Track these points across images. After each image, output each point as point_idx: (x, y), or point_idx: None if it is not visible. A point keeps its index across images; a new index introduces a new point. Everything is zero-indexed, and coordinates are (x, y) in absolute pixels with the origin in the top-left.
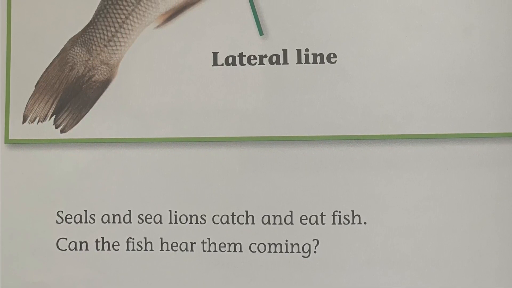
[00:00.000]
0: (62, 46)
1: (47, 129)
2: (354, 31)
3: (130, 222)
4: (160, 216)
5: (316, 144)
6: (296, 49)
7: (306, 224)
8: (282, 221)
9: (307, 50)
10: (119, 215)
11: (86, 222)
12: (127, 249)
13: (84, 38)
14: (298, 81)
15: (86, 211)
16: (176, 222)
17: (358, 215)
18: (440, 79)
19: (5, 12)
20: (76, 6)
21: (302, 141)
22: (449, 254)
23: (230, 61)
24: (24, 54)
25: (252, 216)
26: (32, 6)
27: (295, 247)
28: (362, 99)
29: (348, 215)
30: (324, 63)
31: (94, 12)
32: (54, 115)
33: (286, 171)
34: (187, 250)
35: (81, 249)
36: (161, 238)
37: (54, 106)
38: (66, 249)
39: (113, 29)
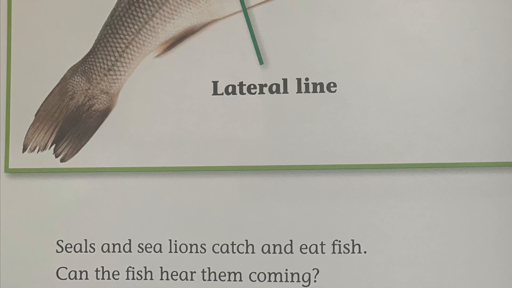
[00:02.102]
0: (62, 75)
1: (47, 158)
2: (354, 60)
3: (130, 251)
4: (160, 245)
5: (316, 173)
6: (296, 78)
7: (306, 253)
8: (282, 250)
9: (307, 79)
10: (119, 244)
11: (86, 251)
12: (127, 278)
13: (84, 67)
14: (298, 110)
15: (86, 240)
16: (176, 251)
17: (358, 244)
18: (440, 109)
19: (5, 41)
20: (76, 35)
21: (302, 170)
22: (449, 283)
23: (230, 90)
24: (24, 83)
25: (252, 245)
26: (32, 35)
27: (295, 276)
28: (362, 128)
29: (348, 244)
30: (324, 92)
31: (94, 41)
32: (54, 144)
33: (286, 200)
34: (187, 279)
35: (81, 278)
36: (161, 267)
37: (54, 135)
38: (66, 278)
39: (113, 58)
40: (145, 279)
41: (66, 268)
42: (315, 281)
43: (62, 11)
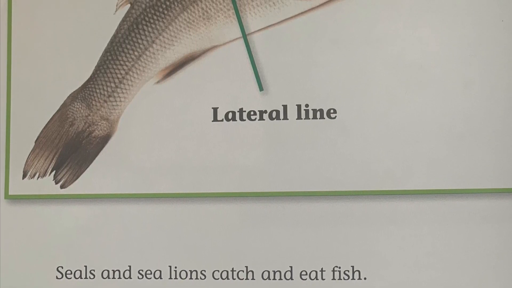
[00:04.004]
0: (62, 102)
1: (47, 184)
2: (354, 87)
3: (130, 277)
4: (160, 271)
5: (316, 200)
6: (296, 105)
7: (306, 279)
8: (282, 277)
9: (307, 105)
10: (119, 270)
11: (86, 278)
12: None
13: (84, 93)
14: (298, 136)
15: (86, 266)
16: (176, 278)
17: (358, 271)
18: (440, 135)
19: (5, 67)
20: (76, 61)
21: (302, 196)
22: None
23: (230, 117)
24: (24, 110)
25: (252, 271)
26: (32, 62)
27: None
28: (362, 154)
29: (348, 271)
30: (324, 118)
31: (94, 68)
32: (54, 171)
33: (286, 226)
34: None
35: None
36: None
37: (54, 161)
38: None
39: (113, 85)
40: None
41: None
42: None
43: (62, 38)
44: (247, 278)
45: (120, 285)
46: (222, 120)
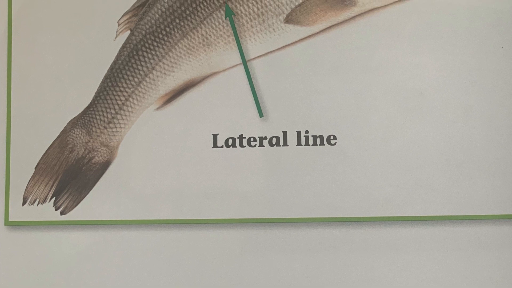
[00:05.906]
0: (62, 128)
1: (47, 211)
2: (354, 113)
3: None
4: None
5: (316, 226)
6: (296, 131)
7: None
8: None
9: (307, 132)
10: None
11: None
12: None
13: (84, 120)
14: (298, 163)
15: None
16: None
17: None
18: (439, 161)
19: (5, 93)
20: (76, 88)
21: (302, 223)
22: None
23: (230, 143)
24: (24, 136)
25: None
26: (32, 88)
27: None
28: (362, 181)
29: None
30: (324, 145)
31: (94, 94)
32: (54, 197)
33: (286, 253)
34: None
35: None
36: None
37: (54, 188)
38: None
39: (113, 111)
40: None
41: None
42: None
43: (62, 64)
44: None
45: None
46: (222, 147)
